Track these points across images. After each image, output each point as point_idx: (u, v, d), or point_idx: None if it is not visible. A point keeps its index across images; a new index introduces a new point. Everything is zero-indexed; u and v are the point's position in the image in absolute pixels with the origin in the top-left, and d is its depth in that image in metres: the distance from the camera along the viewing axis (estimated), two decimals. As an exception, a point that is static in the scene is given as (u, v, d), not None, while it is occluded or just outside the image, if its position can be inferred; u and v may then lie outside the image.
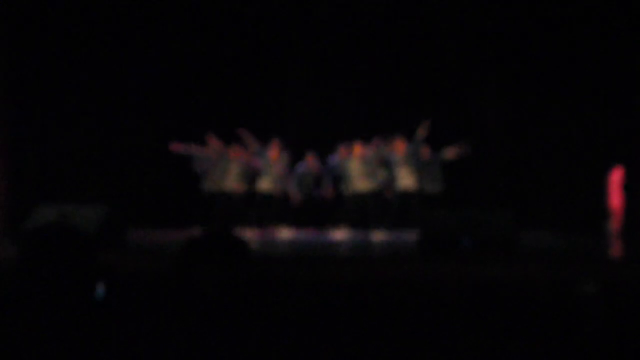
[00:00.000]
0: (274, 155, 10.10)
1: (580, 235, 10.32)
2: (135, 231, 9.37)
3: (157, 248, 8.35)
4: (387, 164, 10.32)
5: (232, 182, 10.30)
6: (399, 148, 10.04)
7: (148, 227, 10.65)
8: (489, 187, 11.74)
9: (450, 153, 10.23)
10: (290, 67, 12.78)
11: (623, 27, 10.54)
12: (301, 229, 10.83)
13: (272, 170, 10.07)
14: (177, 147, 10.50)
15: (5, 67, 10.82)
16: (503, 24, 11.88)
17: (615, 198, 10.93)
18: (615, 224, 10.83)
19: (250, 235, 9.65)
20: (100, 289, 4.20)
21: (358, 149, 10.06)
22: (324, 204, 10.75)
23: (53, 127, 11.24)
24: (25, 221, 8.10)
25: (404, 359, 3.85)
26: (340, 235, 10.08)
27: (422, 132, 10.03)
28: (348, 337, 3.90)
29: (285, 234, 10.09)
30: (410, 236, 8.77)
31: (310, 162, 10.51)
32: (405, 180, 9.99)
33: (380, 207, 10.27)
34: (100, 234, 7.19)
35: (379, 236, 9.95)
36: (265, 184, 10.12)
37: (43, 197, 9.99)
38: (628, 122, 10.72)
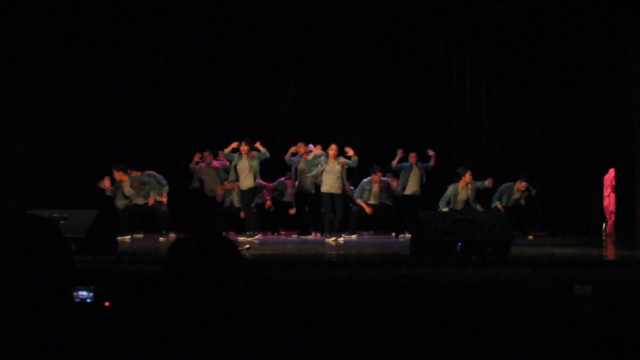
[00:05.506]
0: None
1: (578, 237, 10.27)
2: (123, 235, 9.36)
3: (146, 252, 8.27)
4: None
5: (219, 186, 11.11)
6: (412, 160, 11.48)
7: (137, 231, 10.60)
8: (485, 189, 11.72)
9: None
10: (289, 68, 12.78)
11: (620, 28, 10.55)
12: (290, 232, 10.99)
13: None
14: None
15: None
16: (500, 23, 11.94)
17: (610, 199, 10.92)
18: (609, 225, 10.81)
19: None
20: (87, 292, 4.12)
21: (378, 177, 10.94)
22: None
23: (44, 134, 11.14)
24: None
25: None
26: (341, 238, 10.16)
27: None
28: (339, 338, 3.84)
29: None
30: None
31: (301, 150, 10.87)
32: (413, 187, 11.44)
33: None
34: (90, 238, 7.12)
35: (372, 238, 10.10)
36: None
37: (32, 204, 9.87)
38: (622, 124, 10.71)
